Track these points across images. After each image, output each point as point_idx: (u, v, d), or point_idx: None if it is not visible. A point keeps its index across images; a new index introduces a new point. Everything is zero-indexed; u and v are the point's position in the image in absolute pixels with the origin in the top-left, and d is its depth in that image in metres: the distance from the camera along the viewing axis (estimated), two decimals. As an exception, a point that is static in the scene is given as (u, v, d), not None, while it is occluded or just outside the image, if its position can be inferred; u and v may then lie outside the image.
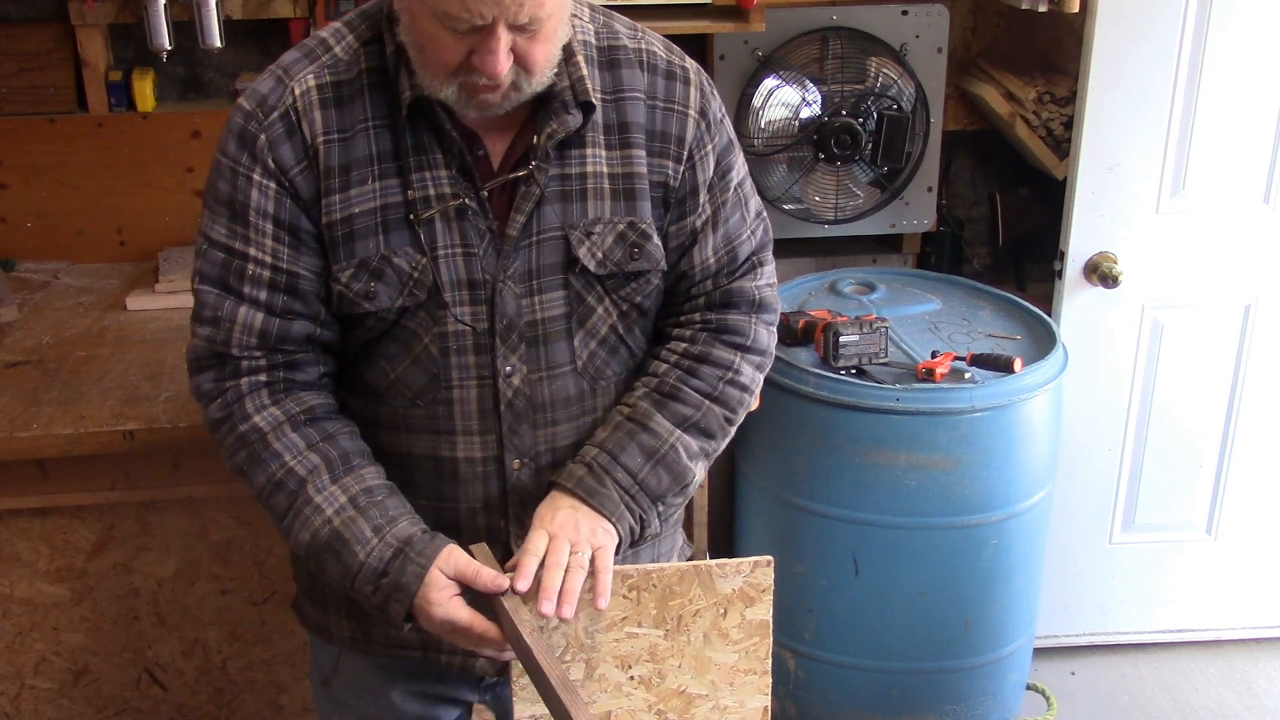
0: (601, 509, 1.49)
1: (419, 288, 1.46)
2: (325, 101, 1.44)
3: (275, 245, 1.46)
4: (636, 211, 1.51)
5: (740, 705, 1.58)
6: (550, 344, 1.52)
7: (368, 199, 1.45)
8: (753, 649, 1.56)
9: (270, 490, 1.48)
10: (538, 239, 1.49)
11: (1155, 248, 2.74)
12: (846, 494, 2.43)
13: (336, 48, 1.47)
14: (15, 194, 2.75)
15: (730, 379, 1.60)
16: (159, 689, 2.36)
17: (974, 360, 2.44)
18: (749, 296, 1.62)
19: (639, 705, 1.54)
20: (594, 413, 1.58)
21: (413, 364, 1.51)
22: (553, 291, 1.51)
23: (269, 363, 1.49)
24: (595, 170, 1.50)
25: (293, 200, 1.45)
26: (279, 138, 1.43)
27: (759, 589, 1.53)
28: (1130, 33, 2.57)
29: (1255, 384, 2.86)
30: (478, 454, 1.54)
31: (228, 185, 1.46)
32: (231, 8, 2.64)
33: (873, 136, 2.79)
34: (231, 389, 1.49)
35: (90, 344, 2.39)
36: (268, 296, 1.47)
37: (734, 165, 1.60)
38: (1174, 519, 2.97)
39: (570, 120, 1.46)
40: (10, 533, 2.21)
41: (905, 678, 2.57)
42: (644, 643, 1.52)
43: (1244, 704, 2.93)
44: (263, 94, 1.45)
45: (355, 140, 1.44)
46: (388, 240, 1.45)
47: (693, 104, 1.54)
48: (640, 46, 1.53)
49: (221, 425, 1.50)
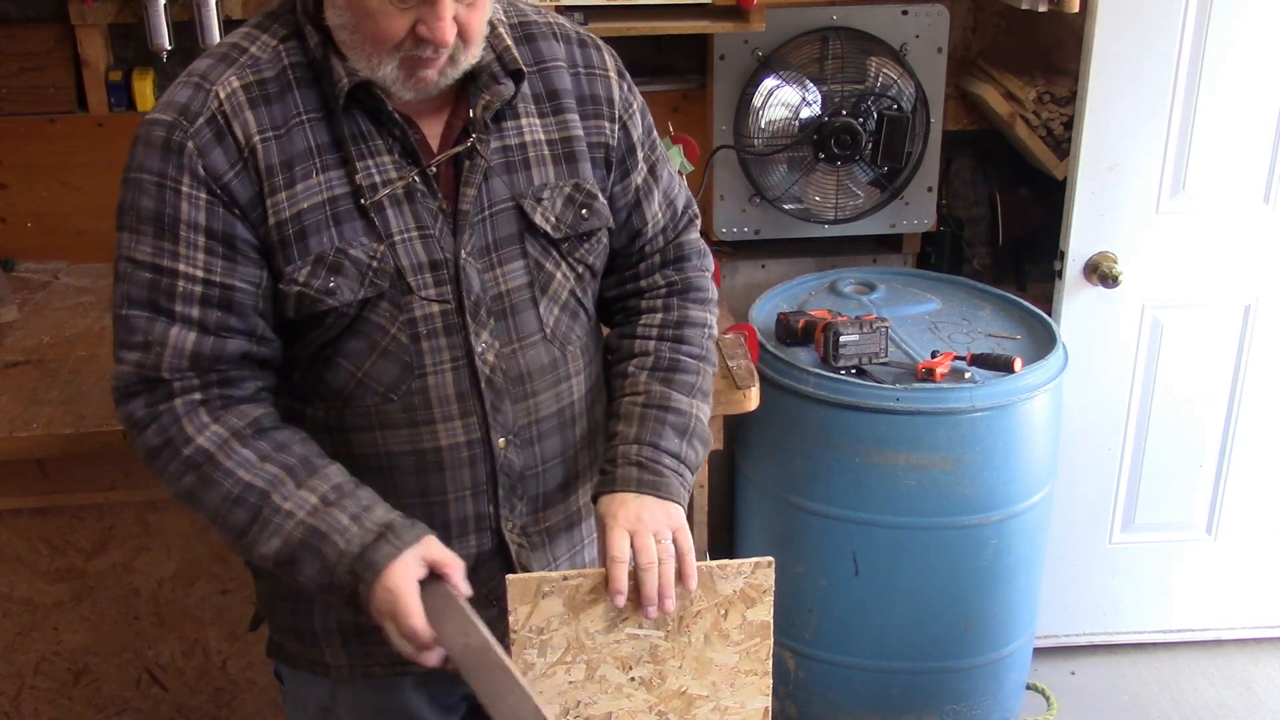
0: (668, 494, 1.52)
1: (380, 276, 1.44)
2: (254, 100, 1.41)
3: (208, 258, 1.40)
4: (579, 173, 1.55)
5: (741, 706, 1.58)
6: (518, 314, 1.53)
7: (314, 193, 1.42)
8: (753, 650, 1.56)
9: (226, 509, 1.41)
10: (490, 212, 1.50)
11: (1155, 247, 2.74)
12: (846, 494, 2.43)
13: (252, 48, 1.44)
14: (15, 194, 2.75)
15: (709, 334, 1.67)
16: (159, 689, 2.36)
17: (974, 360, 2.44)
18: (696, 246, 1.71)
19: (640, 706, 1.54)
20: (568, 379, 1.59)
21: (380, 357, 1.48)
22: (513, 262, 1.52)
23: (202, 381, 1.44)
24: (533, 139, 1.53)
25: (225, 208, 1.40)
26: (208, 143, 1.39)
27: (760, 590, 1.53)
28: (1130, 33, 2.57)
29: (1255, 384, 2.86)
30: (461, 438, 1.52)
31: (152, 201, 1.39)
32: (231, 8, 2.64)
33: (873, 136, 2.79)
34: (166, 412, 1.42)
35: (90, 344, 2.39)
36: (200, 314, 1.41)
37: (653, 125, 1.66)
38: (1174, 519, 2.97)
39: (503, 90, 1.48)
40: (10, 533, 2.21)
41: (905, 678, 2.57)
42: (644, 644, 1.52)
43: (1244, 704, 2.93)
44: (181, 102, 1.40)
45: (292, 135, 1.41)
46: (341, 233, 1.43)
47: (610, 67, 1.59)
48: (549, 20, 1.58)
49: (161, 452, 1.43)
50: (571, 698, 1.51)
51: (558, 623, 1.47)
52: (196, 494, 1.43)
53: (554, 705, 1.51)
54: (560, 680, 1.50)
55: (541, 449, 1.58)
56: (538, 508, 1.61)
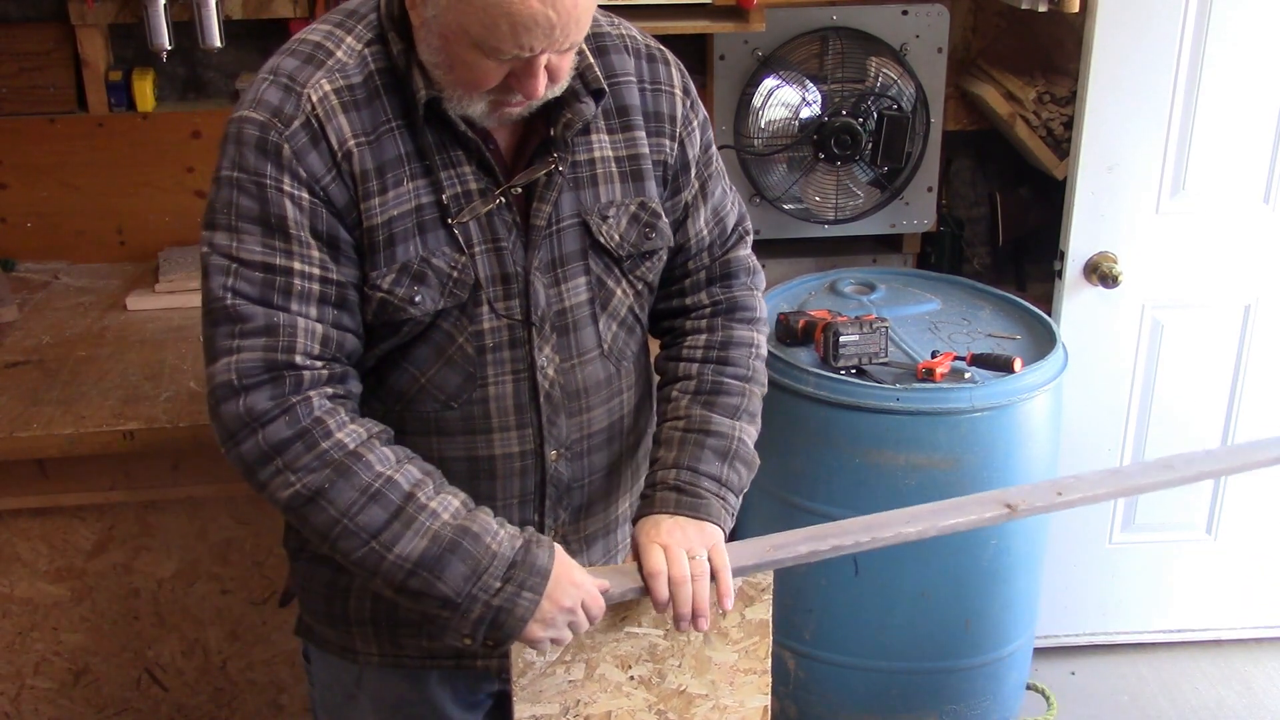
0: (706, 515, 1.51)
1: (460, 287, 1.45)
2: (345, 105, 1.39)
3: (321, 256, 1.39)
4: (645, 192, 1.55)
5: (740, 705, 1.58)
6: (579, 330, 1.54)
7: (405, 200, 1.42)
8: (752, 648, 1.56)
9: (363, 505, 1.37)
10: (558, 228, 1.50)
11: (1155, 248, 2.74)
12: (846, 494, 2.43)
13: (338, 52, 1.42)
14: (15, 194, 2.75)
15: (756, 354, 1.65)
16: (159, 689, 2.36)
17: (974, 360, 2.44)
18: (745, 264, 1.69)
19: (639, 705, 1.54)
20: (620, 394, 1.61)
21: (445, 366, 1.49)
22: (576, 278, 1.53)
23: (330, 373, 1.40)
24: (603, 155, 1.53)
25: (327, 209, 1.39)
26: (304, 147, 1.37)
27: (758, 589, 1.53)
28: (1130, 33, 2.57)
29: (1255, 384, 2.86)
30: (515, 449, 1.54)
31: (254, 201, 1.37)
32: (231, 8, 2.64)
33: (873, 136, 2.79)
34: (300, 404, 1.37)
35: (90, 344, 2.39)
36: (319, 311, 1.39)
37: (712, 140, 1.66)
38: (1174, 519, 2.97)
39: (584, 109, 1.47)
40: (10, 533, 2.21)
41: (905, 678, 2.56)
42: (643, 642, 1.52)
43: (1244, 704, 2.93)
44: (273, 103, 1.38)
45: (382, 142, 1.41)
46: (424, 242, 1.43)
47: (676, 83, 1.59)
48: (621, 33, 1.57)
49: (290, 445, 1.37)
50: (571, 697, 1.52)
51: None
52: (325, 490, 1.37)
53: (553, 704, 1.51)
54: (560, 679, 1.50)
55: (590, 461, 1.61)
56: (580, 517, 1.63)
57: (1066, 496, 1.66)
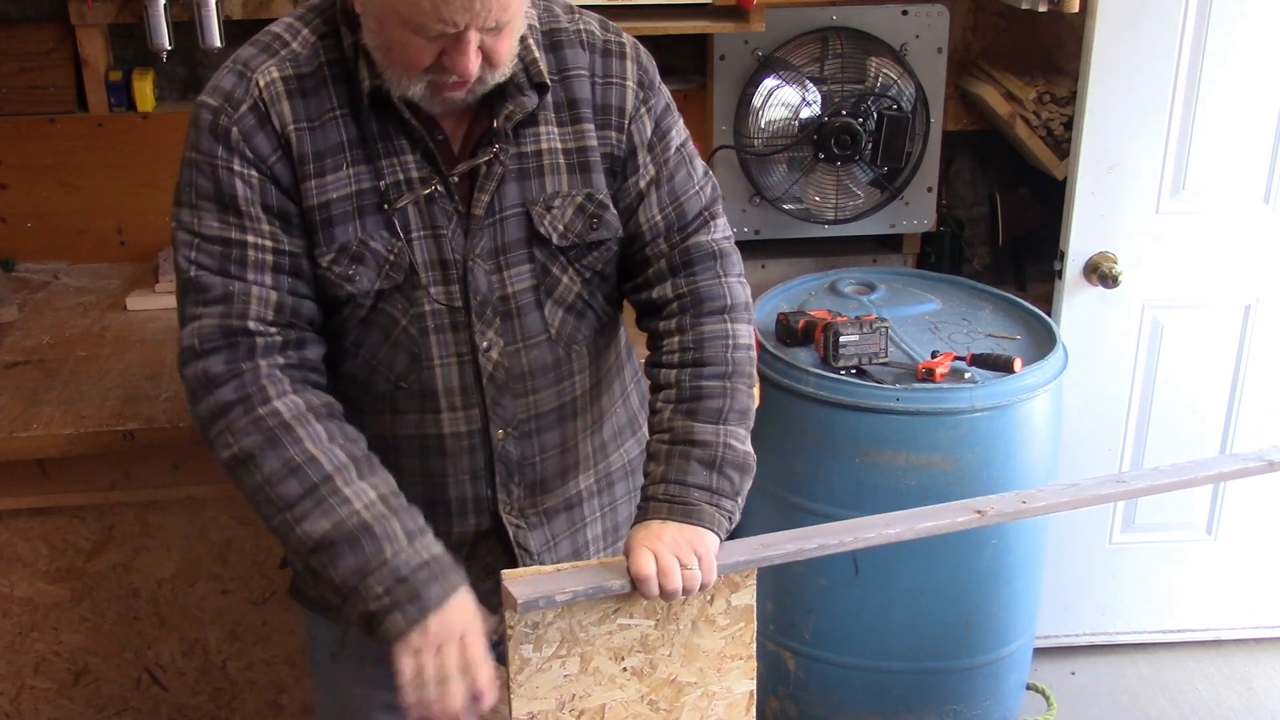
0: (698, 521, 1.52)
1: (395, 270, 1.51)
2: (291, 92, 1.48)
3: (272, 229, 1.48)
4: (592, 183, 1.58)
5: (727, 691, 1.60)
6: (523, 316, 1.58)
7: (343, 185, 1.49)
8: (738, 634, 1.58)
9: (280, 477, 1.44)
10: (501, 216, 1.55)
11: (1155, 248, 2.74)
12: (846, 494, 2.43)
13: (294, 43, 1.50)
14: (15, 194, 2.75)
15: (733, 346, 1.62)
16: (159, 689, 2.36)
17: (974, 360, 2.44)
18: (707, 249, 1.65)
19: (632, 696, 1.56)
20: (570, 377, 1.64)
21: (392, 347, 1.55)
22: (520, 266, 1.57)
23: (284, 339, 1.49)
24: (550, 147, 1.56)
25: (275, 186, 1.48)
26: (251, 129, 1.47)
27: (743, 574, 1.56)
28: (1130, 33, 2.57)
29: (1255, 384, 2.86)
30: (463, 428, 1.59)
31: (208, 180, 1.47)
32: (231, 8, 2.64)
33: (873, 136, 2.79)
34: (249, 371, 1.46)
35: (90, 344, 2.39)
36: (273, 279, 1.48)
37: (673, 127, 1.66)
38: (1174, 519, 2.97)
39: (526, 102, 1.52)
40: (10, 533, 2.21)
41: (905, 678, 2.57)
42: (636, 633, 1.54)
43: (1244, 704, 2.93)
44: (226, 89, 1.48)
45: (326, 128, 1.48)
46: (364, 225, 1.50)
47: (630, 76, 1.60)
48: (579, 27, 1.59)
49: (233, 408, 1.46)
50: (567, 691, 1.53)
51: (552, 615, 1.49)
52: (254, 455, 1.45)
53: (550, 700, 1.52)
54: (556, 674, 1.52)
55: (540, 441, 1.64)
56: (535, 492, 1.67)
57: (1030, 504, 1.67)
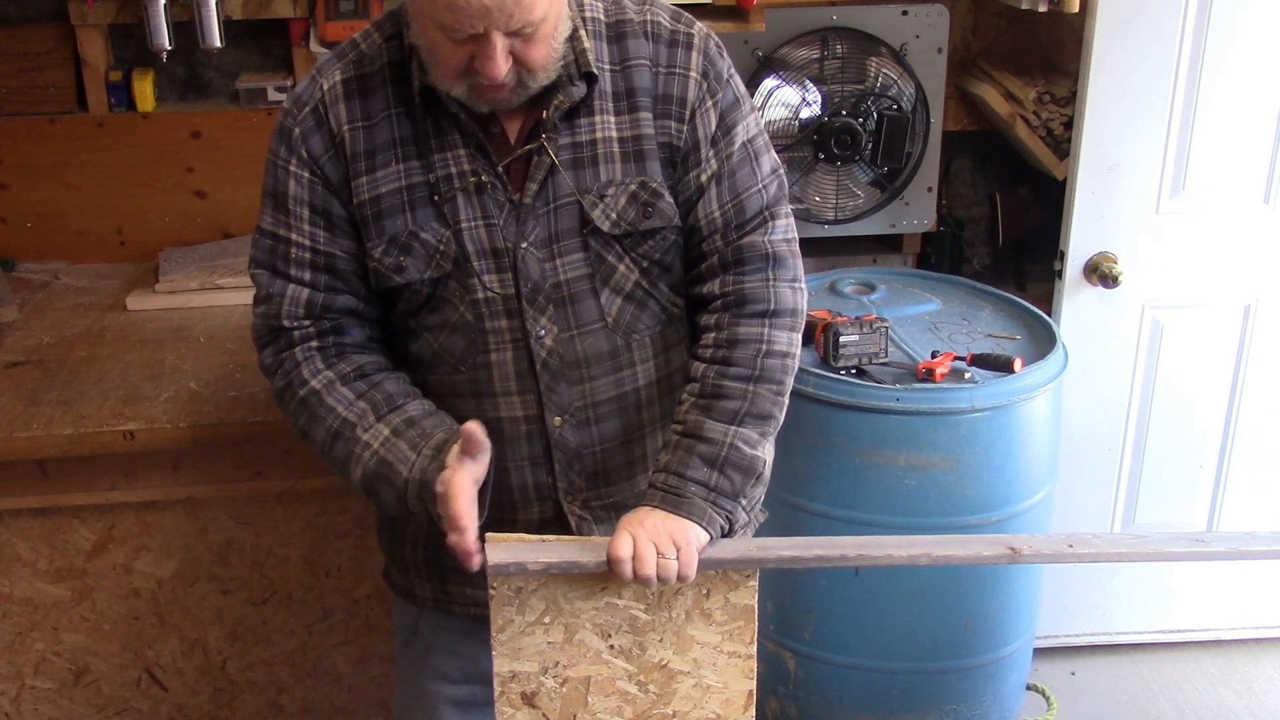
0: (687, 513, 1.53)
1: (444, 259, 1.58)
2: (349, 93, 1.57)
3: (312, 229, 1.59)
4: (646, 171, 1.60)
5: (725, 686, 1.60)
6: (577, 303, 1.61)
7: (393, 180, 1.57)
8: (737, 632, 1.58)
9: (330, 443, 1.59)
10: (554, 205, 1.58)
11: (1155, 248, 2.74)
12: (846, 494, 2.43)
13: (363, 45, 1.60)
14: (15, 194, 2.76)
15: (766, 351, 1.61)
16: (159, 689, 2.36)
17: (974, 360, 2.44)
18: (760, 251, 1.63)
19: (619, 673, 1.57)
20: (630, 367, 1.67)
21: (451, 332, 1.62)
22: (573, 254, 1.60)
23: (318, 329, 1.62)
24: (604, 135, 1.58)
25: (324, 186, 1.58)
26: (310, 130, 1.57)
27: (743, 573, 1.56)
28: (1130, 33, 2.57)
29: (1255, 384, 2.86)
30: (519, 413, 1.64)
31: (271, 178, 1.60)
32: (231, 8, 2.65)
33: (873, 136, 2.79)
34: (288, 358, 1.62)
35: (90, 344, 2.39)
36: (310, 276, 1.60)
37: (740, 121, 1.64)
38: (1174, 519, 2.96)
39: (574, 91, 1.56)
40: (10, 533, 2.21)
41: (905, 678, 2.56)
42: (624, 614, 1.55)
43: (1244, 704, 2.93)
44: (298, 93, 1.61)
45: (379, 126, 1.57)
46: (414, 217, 1.57)
47: (694, 66, 1.61)
48: (645, 18, 1.62)
49: (284, 394, 1.63)
50: (550, 658, 1.55)
51: (535, 583, 1.51)
52: (309, 431, 1.62)
53: (533, 663, 1.54)
54: (539, 640, 1.54)
55: (599, 430, 1.67)
56: (599, 484, 1.69)
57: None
